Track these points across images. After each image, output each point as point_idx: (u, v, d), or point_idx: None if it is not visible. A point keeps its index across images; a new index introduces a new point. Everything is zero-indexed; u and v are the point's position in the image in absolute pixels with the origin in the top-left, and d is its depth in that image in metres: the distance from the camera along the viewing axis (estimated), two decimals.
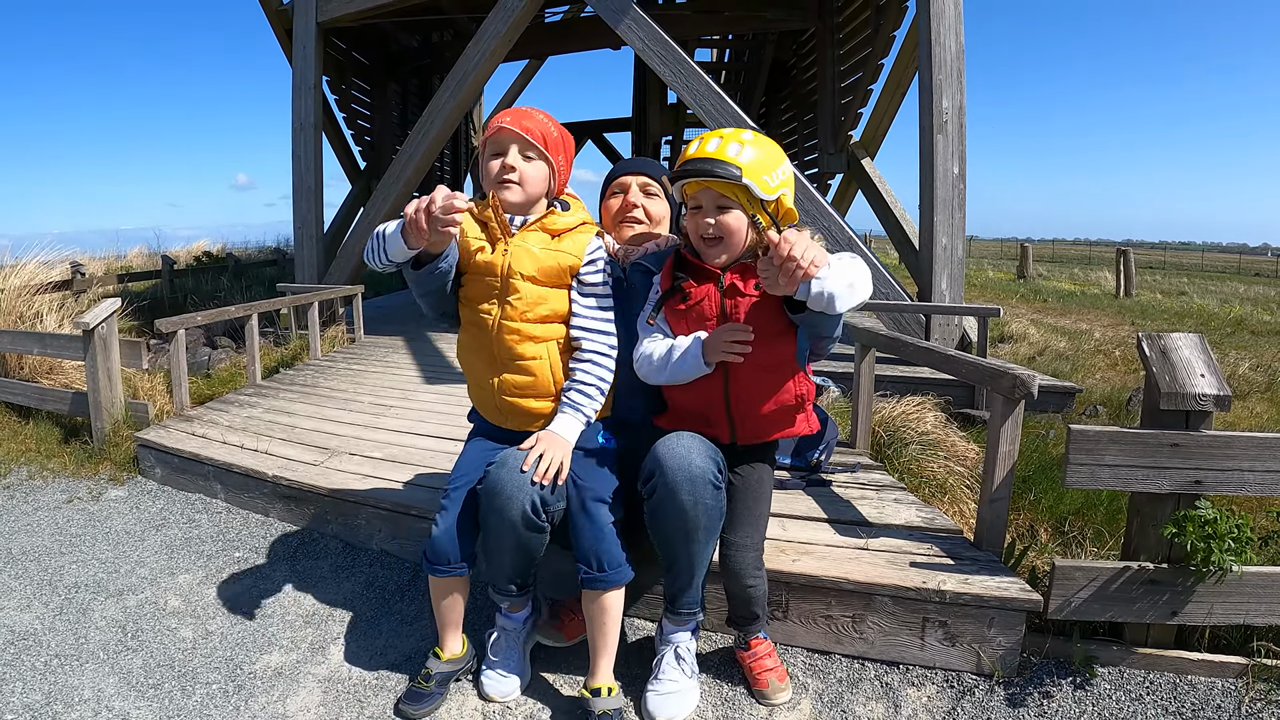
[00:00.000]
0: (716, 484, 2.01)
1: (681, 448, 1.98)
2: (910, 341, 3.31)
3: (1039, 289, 17.02)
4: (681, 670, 2.23)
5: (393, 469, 3.61)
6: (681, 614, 2.23)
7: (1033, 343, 8.60)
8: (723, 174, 1.87)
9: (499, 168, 2.07)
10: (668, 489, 1.97)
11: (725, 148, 1.89)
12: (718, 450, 2.05)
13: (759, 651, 2.31)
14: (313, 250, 8.69)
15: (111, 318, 4.22)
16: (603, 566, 2.05)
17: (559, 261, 2.14)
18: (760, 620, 2.29)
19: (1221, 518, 2.11)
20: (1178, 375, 2.18)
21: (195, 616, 2.80)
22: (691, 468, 1.96)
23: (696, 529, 2.03)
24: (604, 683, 2.15)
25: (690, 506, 1.97)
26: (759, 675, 2.29)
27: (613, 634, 2.14)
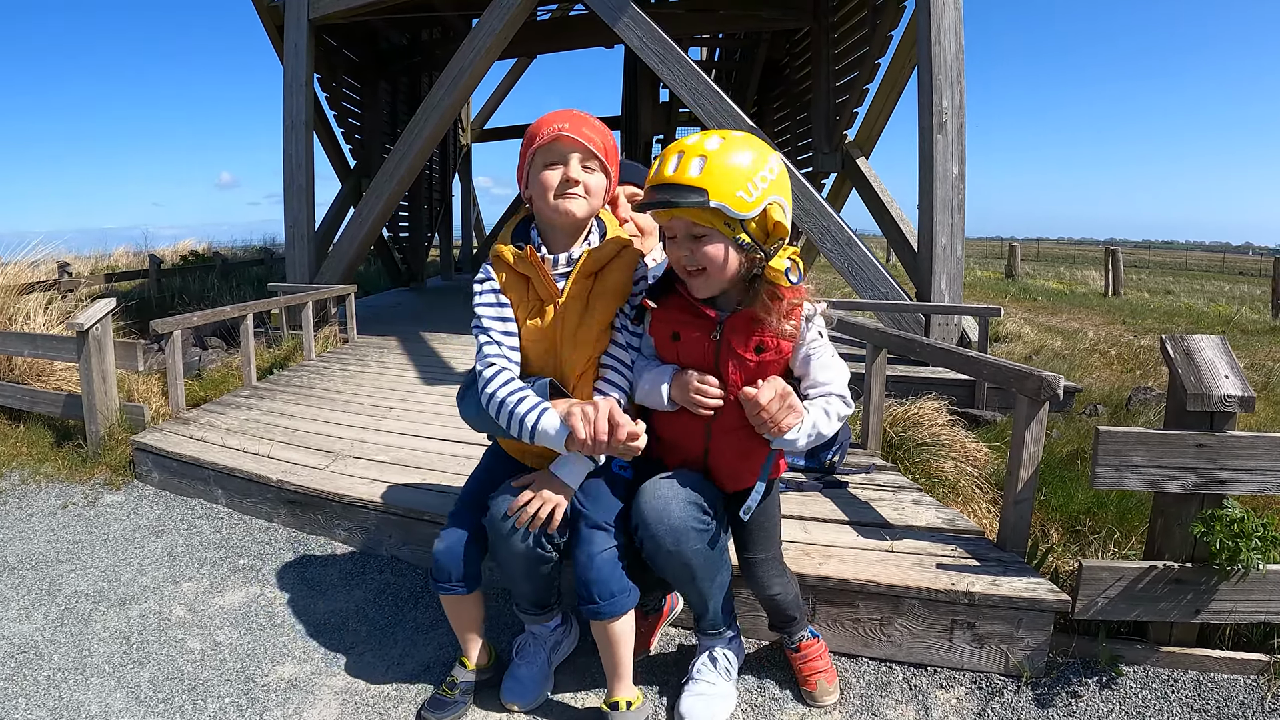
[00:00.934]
0: (701, 527, 1.90)
1: (659, 500, 1.88)
2: (926, 342, 3.29)
3: (1028, 288, 17.15)
4: (717, 672, 2.20)
5: (400, 472, 3.55)
6: (709, 634, 2.22)
7: (1028, 342, 8.63)
8: (685, 203, 1.64)
9: (560, 180, 1.83)
10: (654, 542, 1.89)
11: (686, 167, 1.65)
12: (700, 492, 1.92)
13: (809, 653, 2.28)
14: (304, 249, 8.58)
15: (106, 318, 4.13)
16: (594, 597, 1.91)
17: (608, 313, 1.93)
18: (799, 622, 2.26)
19: (1249, 517, 2.11)
20: (1203, 377, 2.17)
21: (202, 626, 2.73)
22: (670, 519, 1.86)
23: (694, 571, 1.95)
24: (623, 696, 2.08)
25: (678, 555, 1.90)
26: (808, 676, 2.27)
27: (622, 656, 2.03)
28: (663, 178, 1.68)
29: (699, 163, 1.65)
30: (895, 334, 3.60)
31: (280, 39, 8.65)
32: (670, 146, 1.73)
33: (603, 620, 1.96)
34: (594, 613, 1.94)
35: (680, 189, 1.64)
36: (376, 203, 8.27)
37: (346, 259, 8.54)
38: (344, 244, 8.55)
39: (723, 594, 2.14)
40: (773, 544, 2.15)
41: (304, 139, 8.31)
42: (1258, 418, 5.46)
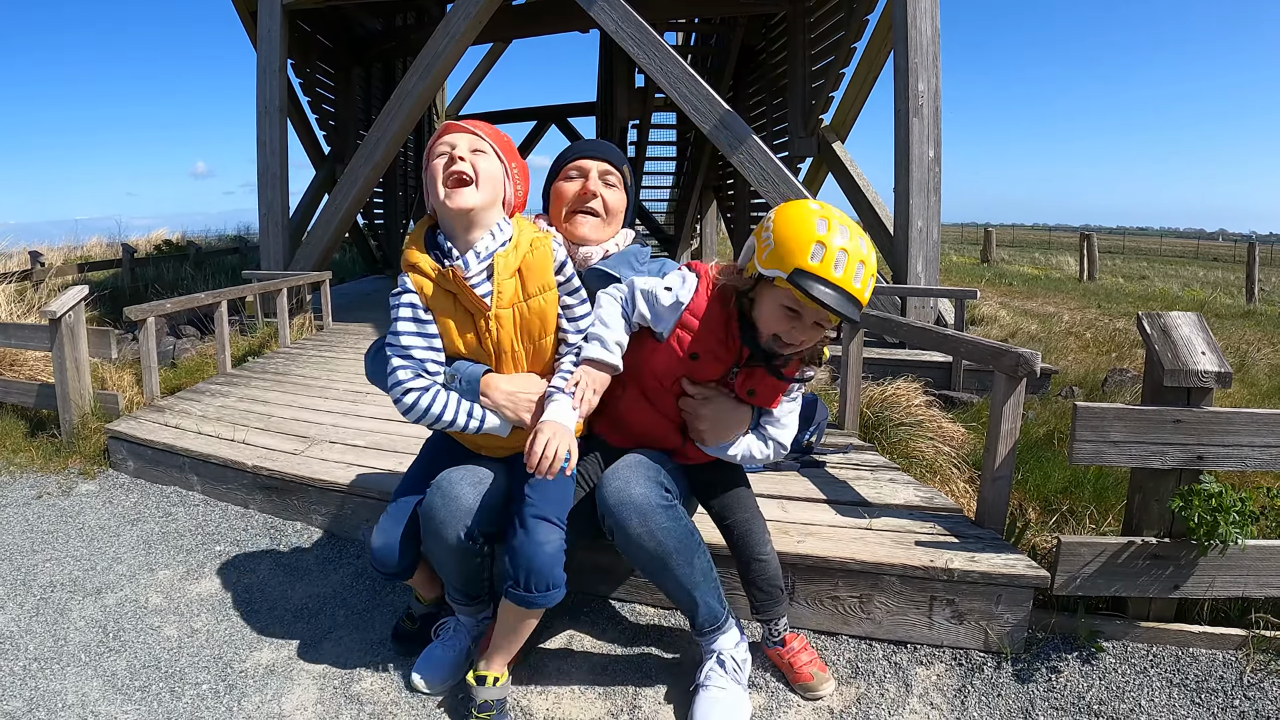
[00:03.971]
0: (665, 504, 1.92)
1: (619, 480, 1.91)
2: (904, 322, 3.31)
3: (1003, 273, 17.32)
4: (728, 676, 2.10)
5: (377, 456, 3.51)
6: (707, 632, 2.13)
7: (1003, 325, 8.71)
8: (855, 318, 1.75)
9: (446, 162, 1.83)
10: (619, 525, 1.90)
11: (865, 286, 1.73)
12: (661, 468, 1.97)
13: (794, 646, 2.25)
14: (278, 237, 8.45)
15: (79, 305, 4.03)
16: (530, 586, 1.89)
17: (543, 310, 1.96)
18: (783, 602, 2.22)
19: (1227, 492, 2.14)
20: (1179, 353, 2.20)
21: (179, 614, 2.69)
22: (633, 498, 1.88)
23: (667, 555, 1.94)
24: (493, 671, 2.05)
25: (647, 536, 1.89)
26: (800, 670, 2.22)
27: (518, 640, 2.06)
28: (849, 289, 1.70)
29: (864, 277, 1.73)
30: (873, 314, 3.61)
31: (253, 24, 8.49)
32: (848, 247, 1.70)
33: (529, 609, 1.95)
34: (525, 600, 1.91)
35: (858, 306, 1.74)
36: (351, 189, 8.16)
37: (321, 246, 8.42)
38: (318, 231, 8.43)
39: (710, 583, 2.06)
40: (751, 501, 2.18)
41: (278, 125, 8.17)
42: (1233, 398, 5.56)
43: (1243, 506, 2.13)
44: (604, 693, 2.27)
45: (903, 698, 2.23)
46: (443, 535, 1.96)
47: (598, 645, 2.50)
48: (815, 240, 1.69)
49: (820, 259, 1.68)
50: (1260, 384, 5.74)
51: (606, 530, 1.96)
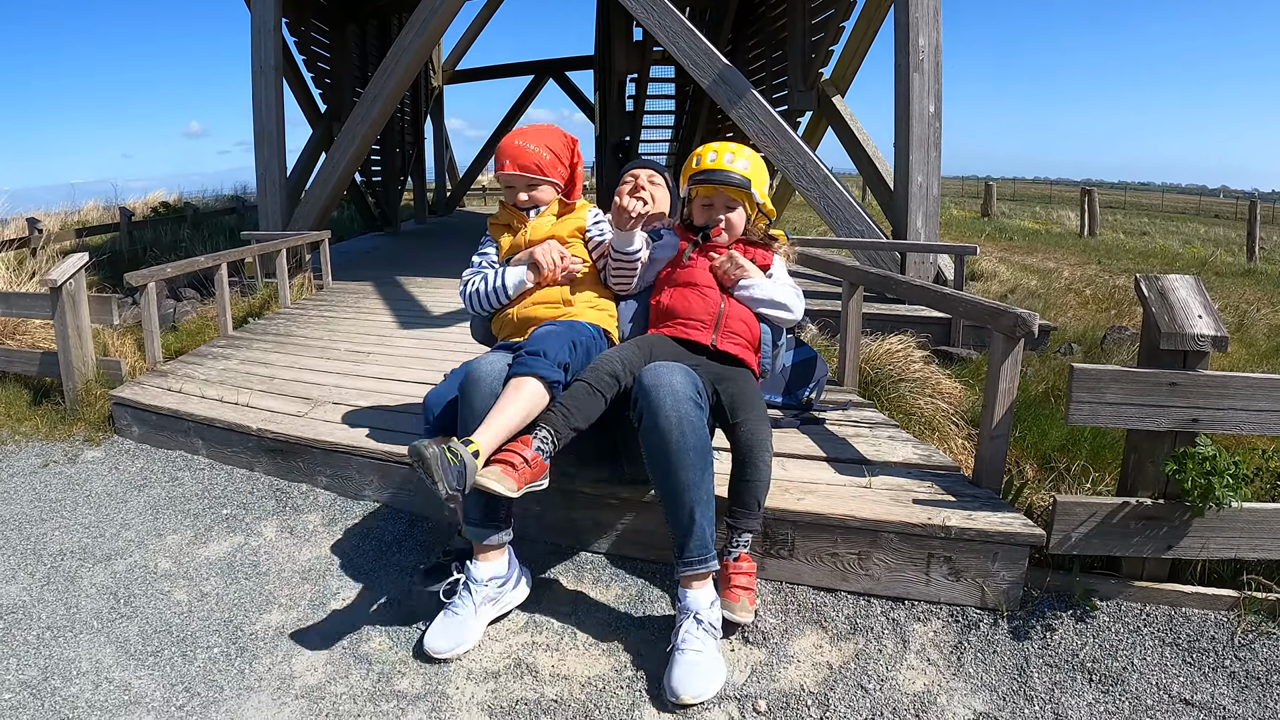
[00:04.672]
0: (698, 403, 2.14)
1: (664, 369, 2.17)
2: (903, 280, 3.29)
3: (1004, 227, 17.18)
4: (703, 636, 2.12)
5: (380, 416, 3.53)
6: (691, 562, 2.14)
7: (1003, 281, 8.68)
8: (734, 182, 2.49)
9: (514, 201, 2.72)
10: (653, 407, 2.10)
11: (736, 162, 2.49)
12: (695, 377, 2.21)
13: (744, 566, 2.33)
14: (276, 197, 8.37)
15: (79, 273, 4.02)
16: (538, 353, 2.22)
17: (567, 224, 2.69)
18: (757, 517, 2.30)
19: (1221, 455, 2.16)
20: (1176, 316, 2.20)
21: (188, 578, 2.74)
22: (674, 384, 2.12)
23: (686, 450, 2.08)
24: (475, 442, 2.04)
25: (676, 422, 2.07)
26: (735, 588, 2.28)
27: (509, 414, 2.13)
28: (720, 165, 2.50)
29: (744, 163, 2.51)
30: (872, 271, 3.60)
31: None
32: (718, 146, 2.55)
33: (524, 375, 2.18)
34: (525, 366, 2.20)
35: (731, 174, 2.49)
36: (348, 148, 8.05)
37: (319, 205, 8.35)
38: (316, 190, 8.35)
39: (710, 509, 2.14)
40: (762, 409, 2.34)
41: (273, 84, 8.02)
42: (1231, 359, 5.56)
43: (1236, 470, 2.15)
44: (608, 649, 2.32)
45: (900, 654, 2.29)
46: (479, 386, 2.26)
47: (601, 602, 2.55)
48: (696, 155, 2.57)
49: (699, 163, 2.53)
50: (1258, 344, 5.74)
51: (635, 415, 2.17)
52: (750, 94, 6.81)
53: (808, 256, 4.50)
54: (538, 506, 2.84)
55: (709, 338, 2.44)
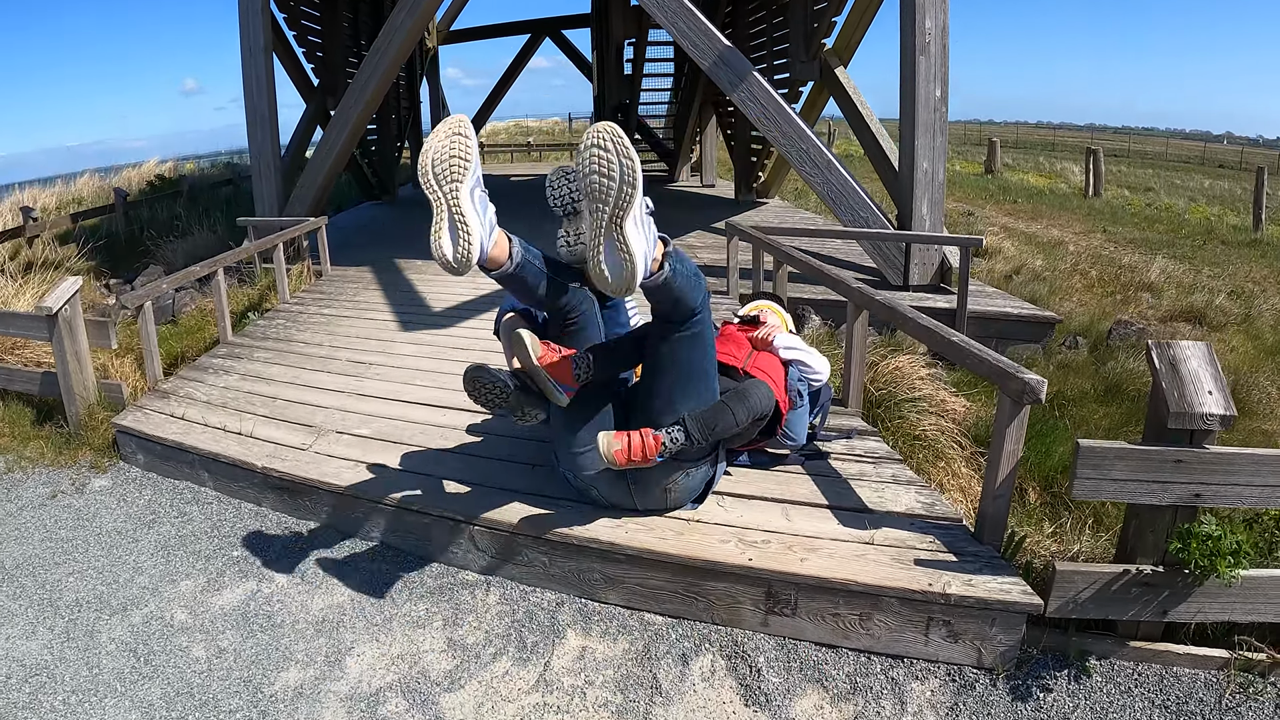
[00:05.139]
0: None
1: None
2: (910, 316, 3.26)
3: (1007, 186, 16.91)
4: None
5: (384, 450, 3.55)
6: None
7: (1008, 258, 8.60)
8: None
9: None
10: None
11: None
12: None
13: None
14: (272, 181, 8.25)
15: (74, 298, 3.98)
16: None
17: None
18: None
19: (1225, 534, 2.18)
20: (1185, 393, 2.19)
21: (205, 632, 2.79)
22: None
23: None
24: None
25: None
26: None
27: None
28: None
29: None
30: (878, 298, 3.56)
31: None
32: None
33: None
34: None
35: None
36: (342, 130, 7.91)
37: (315, 189, 8.24)
38: (312, 173, 8.23)
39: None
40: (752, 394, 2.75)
41: (264, 65, 7.83)
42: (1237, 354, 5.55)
43: (1240, 548, 2.17)
44: (618, 709, 2.39)
45: (898, 714, 2.35)
46: None
47: (609, 657, 2.61)
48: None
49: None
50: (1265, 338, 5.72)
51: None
52: (751, 76, 6.65)
53: (813, 269, 4.45)
54: (545, 558, 2.89)
55: (740, 365, 3.00)
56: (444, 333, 5.59)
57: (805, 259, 4.64)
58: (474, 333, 5.53)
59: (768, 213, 11.85)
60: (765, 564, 2.59)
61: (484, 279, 7.74)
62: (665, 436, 2.53)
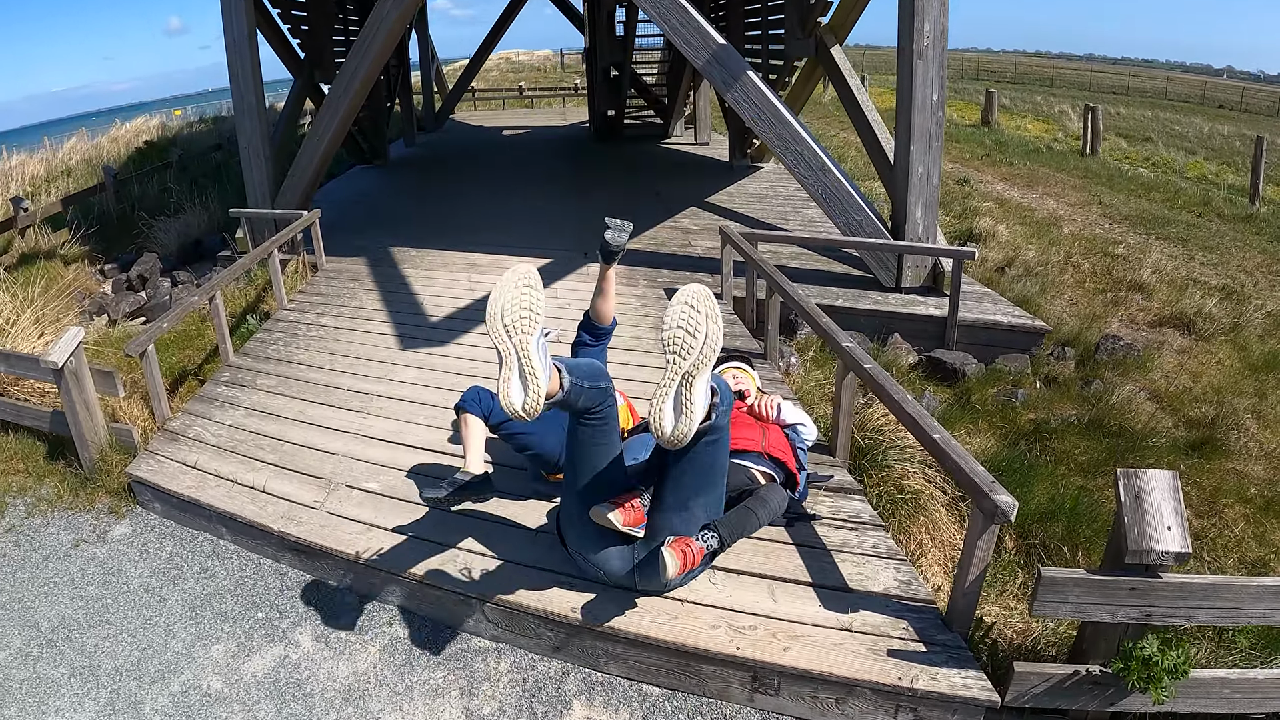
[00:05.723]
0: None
1: None
2: (896, 400, 3.37)
3: (1004, 142, 16.73)
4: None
5: (394, 511, 3.72)
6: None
7: (1002, 244, 8.67)
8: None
9: None
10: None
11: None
12: None
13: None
14: (263, 170, 8.20)
15: (78, 350, 4.08)
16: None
17: None
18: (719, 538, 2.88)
19: (1163, 657, 2.40)
20: (1145, 529, 2.37)
21: (241, 703, 3.02)
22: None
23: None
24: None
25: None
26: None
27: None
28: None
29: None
30: (867, 367, 3.67)
31: None
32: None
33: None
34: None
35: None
36: (331, 121, 7.84)
37: (306, 178, 8.21)
38: (303, 163, 8.17)
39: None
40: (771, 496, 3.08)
41: (248, 56, 7.71)
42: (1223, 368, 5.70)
43: (1179, 667, 2.40)
44: None
45: None
46: None
47: None
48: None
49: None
50: (1251, 350, 5.87)
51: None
52: (746, 77, 6.60)
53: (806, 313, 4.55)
54: (550, 634, 3.12)
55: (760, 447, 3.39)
56: (442, 352, 5.69)
57: (799, 301, 4.73)
58: (470, 351, 5.65)
59: (762, 182, 11.78)
60: (751, 653, 2.82)
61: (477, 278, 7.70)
62: (704, 545, 2.83)
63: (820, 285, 7.05)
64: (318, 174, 8.41)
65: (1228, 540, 3.88)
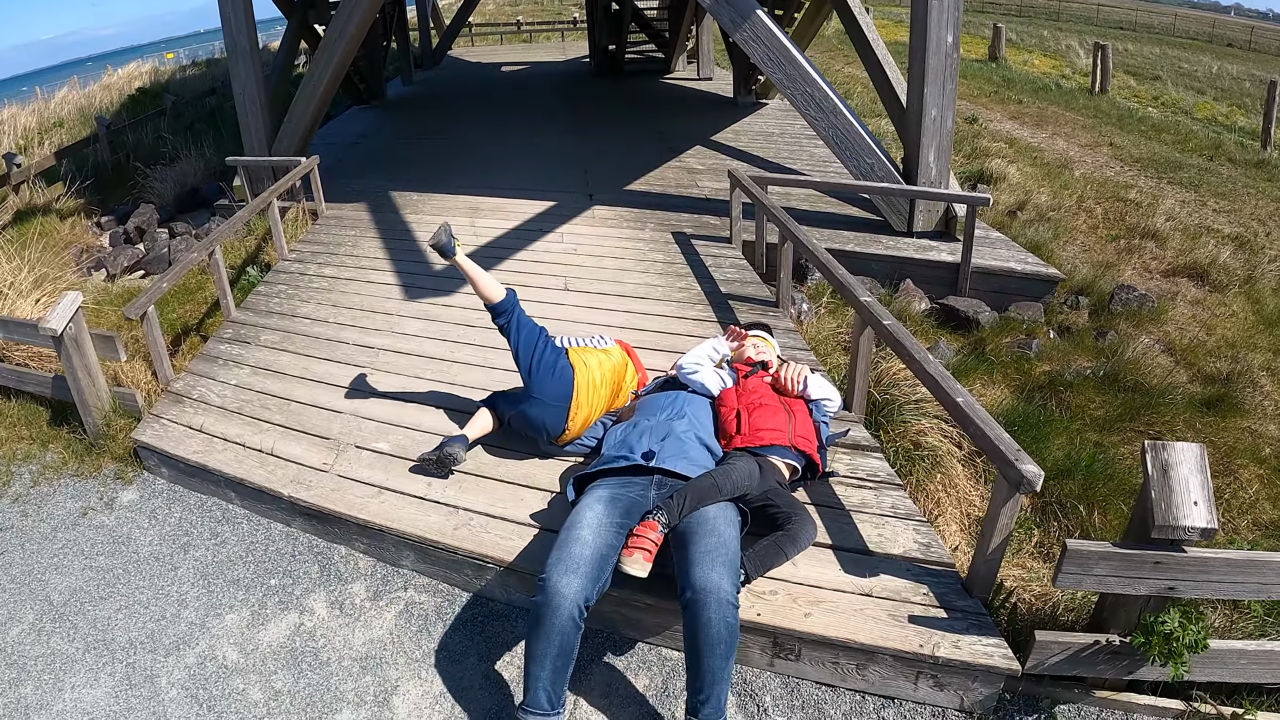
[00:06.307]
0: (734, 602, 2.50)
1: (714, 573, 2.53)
2: (918, 360, 3.27)
3: (1011, 79, 16.22)
4: None
5: (403, 474, 3.68)
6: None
7: (1013, 186, 8.47)
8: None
9: None
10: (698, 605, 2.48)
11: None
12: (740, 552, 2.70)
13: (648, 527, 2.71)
14: (258, 116, 7.95)
15: (78, 315, 3.98)
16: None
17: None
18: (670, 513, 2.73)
19: (1184, 631, 2.38)
20: (1172, 504, 2.32)
21: (258, 673, 3.02)
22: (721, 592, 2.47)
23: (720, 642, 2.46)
24: None
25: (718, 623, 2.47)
26: (631, 544, 2.68)
27: None
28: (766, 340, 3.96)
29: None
30: (886, 324, 3.57)
31: None
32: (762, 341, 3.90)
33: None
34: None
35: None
36: (328, 64, 7.59)
37: (304, 124, 7.98)
38: (299, 109, 7.93)
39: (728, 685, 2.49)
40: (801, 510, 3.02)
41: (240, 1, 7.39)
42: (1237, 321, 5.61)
43: (1198, 639, 2.39)
44: None
45: None
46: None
47: (630, 692, 2.88)
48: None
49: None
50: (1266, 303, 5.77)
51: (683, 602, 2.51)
52: (755, 15, 6.32)
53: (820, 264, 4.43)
54: None
55: (788, 440, 3.21)
56: (447, 301, 5.59)
57: (813, 250, 4.60)
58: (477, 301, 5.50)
59: (768, 119, 11.48)
60: (772, 619, 2.81)
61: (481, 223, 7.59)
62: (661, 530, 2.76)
63: (830, 228, 6.92)
64: (315, 119, 8.16)
65: (1242, 502, 3.86)
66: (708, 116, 11.67)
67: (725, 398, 3.48)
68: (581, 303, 5.55)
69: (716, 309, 5.40)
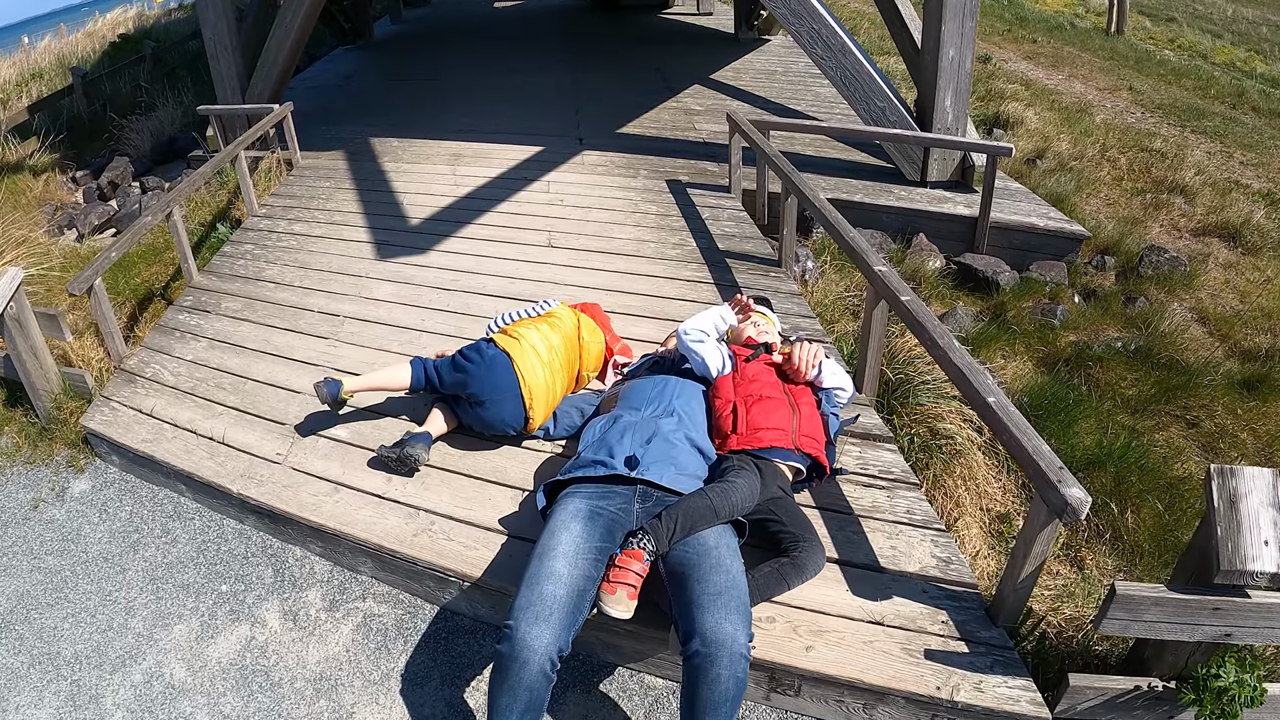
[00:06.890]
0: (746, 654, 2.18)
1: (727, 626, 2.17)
2: (938, 343, 2.91)
3: (1024, 16, 15.28)
4: None
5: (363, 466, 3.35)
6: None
7: (1031, 132, 7.89)
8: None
9: None
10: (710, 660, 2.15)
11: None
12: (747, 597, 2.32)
13: (631, 559, 2.38)
14: (230, 62, 7.41)
15: (18, 293, 3.59)
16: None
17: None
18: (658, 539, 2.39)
19: (1241, 688, 2.07)
20: (1240, 544, 1.97)
21: (206, 694, 2.76)
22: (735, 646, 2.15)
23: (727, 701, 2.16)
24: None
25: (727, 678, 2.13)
26: (613, 580, 2.35)
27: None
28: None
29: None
30: (905, 300, 3.18)
31: None
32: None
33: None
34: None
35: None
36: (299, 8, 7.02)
37: (277, 69, 7.43)
38: (272, 52, 7.37)
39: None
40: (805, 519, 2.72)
41: None
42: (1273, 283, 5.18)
43: (1254, 696, 2.08)
44: None
45: None
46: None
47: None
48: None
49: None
50: None
51: (687, 653, 2.16)
52: None
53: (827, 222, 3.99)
54: None
55: (790, 441, 2.82)
56: (421, 261, 5.18)
57: (820, 209, 4.15)
58: (452, 260, 5.16)
59: (770, 57, 10.82)
60: (769, 654, 2.49)
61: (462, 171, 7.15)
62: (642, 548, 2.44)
63: (837, 176, 6.43)
64: (290, 62, 7.60)
65: None
66: (707, 54, 10.99)
67: (720, 387, 3.06)
68: (566, 261, 5.13)
69: (713, 268, 4.96)
